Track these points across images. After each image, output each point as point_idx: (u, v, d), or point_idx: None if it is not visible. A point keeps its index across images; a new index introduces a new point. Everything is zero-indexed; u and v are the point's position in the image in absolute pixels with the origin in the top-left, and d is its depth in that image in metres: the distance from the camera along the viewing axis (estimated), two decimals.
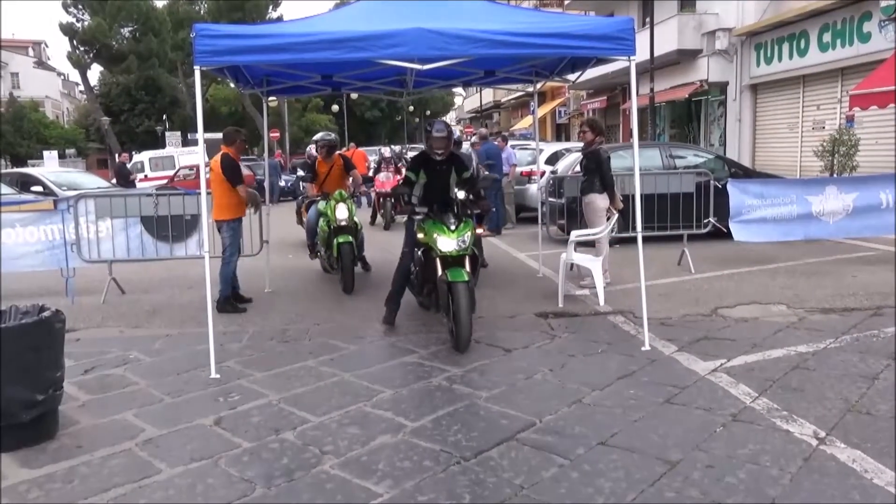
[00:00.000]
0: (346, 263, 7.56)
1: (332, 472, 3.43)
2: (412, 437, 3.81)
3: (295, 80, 7.61)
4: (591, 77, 17.10)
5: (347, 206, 7.84)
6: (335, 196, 7.89)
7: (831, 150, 14.67)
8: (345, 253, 7.59)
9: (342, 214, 7.76)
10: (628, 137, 23.97)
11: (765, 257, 8.76)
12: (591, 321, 6.21)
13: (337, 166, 8.61)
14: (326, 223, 7.98)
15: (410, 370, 5.00)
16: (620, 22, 5.20)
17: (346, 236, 7.68)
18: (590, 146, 7.55)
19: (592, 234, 7.17)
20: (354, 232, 7.91)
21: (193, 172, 19.56)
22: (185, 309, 7.12)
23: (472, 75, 7.98)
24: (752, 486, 3.14)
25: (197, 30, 4.81)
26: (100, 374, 5.09)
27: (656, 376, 4.66)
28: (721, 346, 5.28)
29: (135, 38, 43.23)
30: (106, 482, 3.38)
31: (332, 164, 8.60)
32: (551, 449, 3.59)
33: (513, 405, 4.21)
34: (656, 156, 10.84)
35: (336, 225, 7.76)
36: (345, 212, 7.78)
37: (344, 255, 7.58)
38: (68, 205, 7.74)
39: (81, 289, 7.81)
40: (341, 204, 7.81)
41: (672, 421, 3.91)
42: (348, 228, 7.78)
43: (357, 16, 5.52)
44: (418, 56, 5.22)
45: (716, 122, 22.50)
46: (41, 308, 4.00)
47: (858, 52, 15.98)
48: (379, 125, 57.24)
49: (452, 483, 3.28)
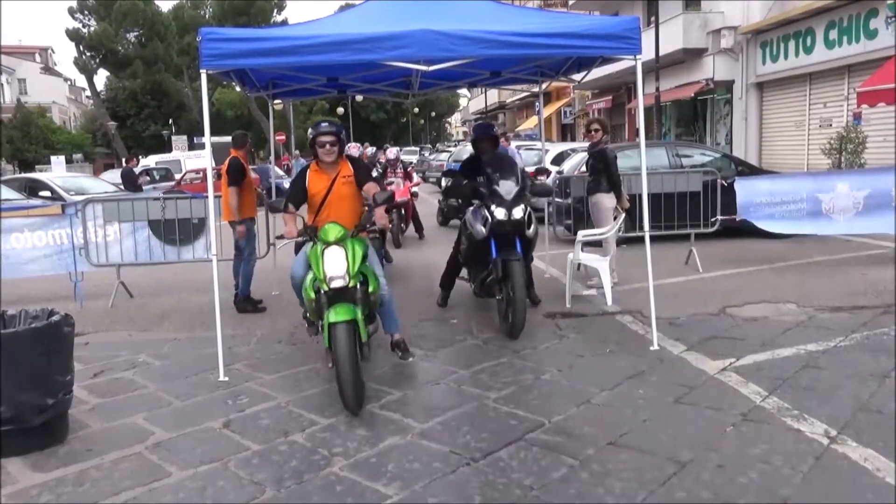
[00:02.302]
0: (343, 359, 4.09)
1: (342, 473, 3.43)
2: (421, 438, 3.80)
3: (301, 82, 7.61)
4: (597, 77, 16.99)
5: (347, 251, 4.36)
6: (323, 234, 4.42)
7: (839, 147, 14.63)
8: (339, 342, 4.10)
9: (335, 268, 4.27)
10: (634, 137, 23.95)
11: (773, 256, 8.72)
12: (599, 321, 6.19)
13: (343, 179, 4.96)
14: (313, 284, 4.42)
15: (418, 371, 4.99)
16: (626, 21, 5.19)
17: (344, 309, 4.21)
18: (596, 146, 7.54)
19: (599, 234, 7.15)
20: (363, 297, 4.37)
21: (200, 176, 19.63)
22: (194, 312, 7.14)
23: (477, 76, 7.96)
24: (764, 486, 3.12)
25: (203, 34, 4.83)
26: (109, 378, 5.11)
27: (665, 376, 4.64)
28: (730, 345, 5.26)
29: (140, 42, 43.50)
30: (116, 485, 3.38)
31: (336, 175, 4.94)
32: (561, 449, 3.58)
33: (521, 406, 4.20)
34: (663, 155, 10.81)
35: (326, 289, 4.28)
36: (340, 262, 4.30)
37: (338, 346, 4.10)
38: (76, 209, 7.78)
39: (90, 293, 7.84)
40: (334, 249, 4.34)
41: (682, 421, 3.89)
42: (348, 293, 4.29)
43: (362, 18, 5.53)
44: (424, 57, 5.21)
45: (722, 121, 22.43)
46: (50, 312, 4.02)
47: (865, 49, 15.90)
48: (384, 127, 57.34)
49: (462, 484, 3.27)
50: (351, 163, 5.05)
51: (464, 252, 6.29)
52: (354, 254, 4.37)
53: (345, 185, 4.93)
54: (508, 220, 5.56)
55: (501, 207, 5.56)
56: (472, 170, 6.23)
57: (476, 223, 5.79)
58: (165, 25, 44.11)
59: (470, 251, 6.11)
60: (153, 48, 42.88)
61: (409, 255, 9.17)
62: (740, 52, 20.61)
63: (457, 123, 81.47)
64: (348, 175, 4.95)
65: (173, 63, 45.12)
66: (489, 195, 5.69)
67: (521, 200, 5.64)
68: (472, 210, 5.98)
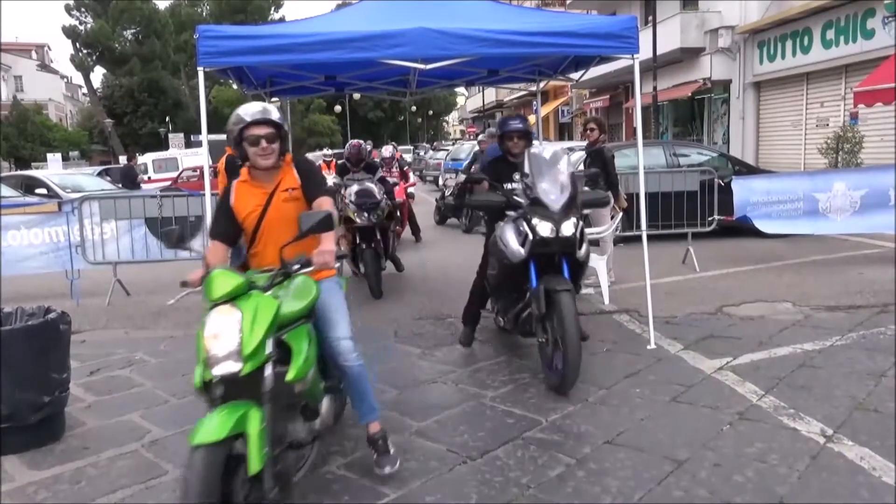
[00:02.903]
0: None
1: (339, 472, 3.43)
2: (418, 436, 3.80)
3: (298, 80, 7.60)
4: (594, 76, 17.06)
5: (245, 315, 2.66)
6: (208, 287, 2.79)
7: (835, 147, 14.65)
8: (189, 486, 2.43)
9: (220, 344, 2.62)
10: (631, 136, 23.97)
11: (770, 255, 8.74)
12: (596, 320, 6.19)
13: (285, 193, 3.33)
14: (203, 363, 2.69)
15: (415, 370, 4.99)
16: (624, 20, 5.20)
17: (224, 417, 2.55)
18: (594, 145, 7.54)
19: (597, 233, 7.15)
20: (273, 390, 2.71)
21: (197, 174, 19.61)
22: (191, 310, 7.10)
23: (475, 75, 7.96)
24: (760, 485, 3.13)
25: (200, 31, 4.83)
26: (106, 376, 5.10)
27: (662, 375, 4.65)
28: (727, 344, 5.27)
29: (137, 40, 43.39)
30: (113, 483, 3.38)
31: (275, 188, 3.33)
32: (558, 448, 3.58)
33: (519, 404, 4.20)
34: (660, 154, 10.81)
35: (209, 377, 2.65)
36: (229, 333, 2.62)
37: (188, 493, 2.41)
38: (73, 207, 7.76)
39: (86, 291, 7.82)
40: (223, 312, 2.69)
41: (679, 419, 3.90)
42: (243, 385, 2.65)
43: (360, 16, 5.52)
44: (422, 56, 5.22)
45: (719, 120, 22.45)
46: (47, 310, 4.02)
47: (862, 49, 15.92)
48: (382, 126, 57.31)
49: (459, 483, 3.27)
50: (298, 169, 3.38)
51: (492, 278, 4.93)
52: (256, 318, 2.62)
53: (287, 203, 3.27)
54: (556, 238, 4.32)
55: (546, 221, 4.32)
56: (499, 174, 5.08)
57: (511, 241, 4.47)
58: (162, 23, 44.02)
59: (501, 277, 4.75)
60: (150, 46, 42.79)
61: (406, 258, 9.17)
62: (737, 52, 20.63)
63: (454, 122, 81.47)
64: (292, 187, 3.30)
65: (170, 61, 45.04)
66: (530, 205, 4.46)
67: (571, 212, 4.42)
68: (506, 224, 4.64)
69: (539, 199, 4.42)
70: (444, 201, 13.97)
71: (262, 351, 2.67)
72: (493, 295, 5.14)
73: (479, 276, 5.36)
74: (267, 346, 2.69)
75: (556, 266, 4.43)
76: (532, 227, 4.35)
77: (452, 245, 11.23)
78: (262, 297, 2.77)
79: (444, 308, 6.72)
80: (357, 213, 7.46)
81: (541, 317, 4.35)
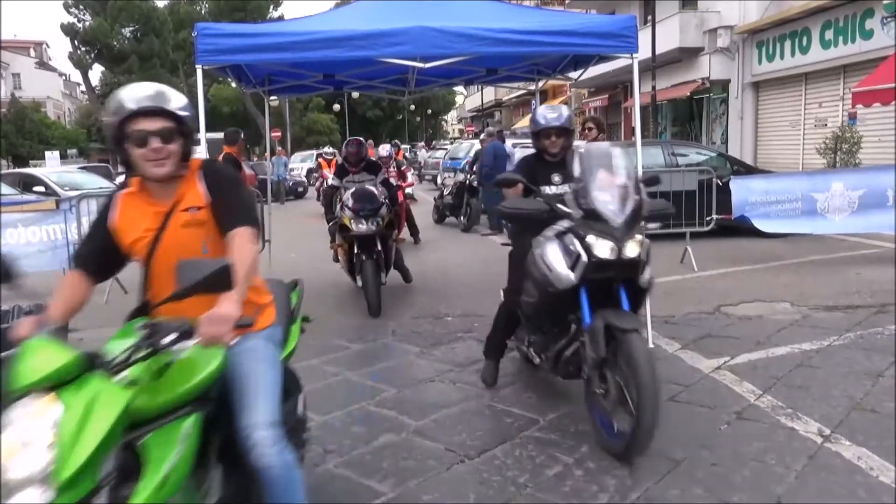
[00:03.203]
0: None
1: (337, 470, 3.43)
2: (416, 435, 3.80)
3: (297, 79, 7.60)
4: (593, 75, 17.06)
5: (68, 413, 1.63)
6: (14, 370, 1.69)
7: (834, 147, 14.67)
8: None
9: (23, 462, 1.55)
10: (630, 135, 23.96)
11: (768, 255, 8.74)
12: None
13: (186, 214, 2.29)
14: None
15: (413, 369, 4.99)
16: (623, 20, 5.20)
17: None
18: None
19: None
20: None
21: None
22: None
23: (474, 74, 7.96)
24: (758, 484, 3.13)
25: (199, 29, 4.83)
26: None
27: (660, 374, 4.63)
28: (725, 343, 5.27)
29: (136, 38, 43.31)
30: None
31: (174, 204, 2.30)
32: (555, 447, 3.58)
33: (516, 404, 4.20)
34: (659, 154, 10.81)
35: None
36: (38, 442, 1.57)
37: None
38: (70, 205, 7.75)
39: None
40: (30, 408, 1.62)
41: (676, 419, 3.89)
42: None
43: (358, 14, 5.52)
44: (421, 54, 5.22)
45: (718, 120, 22.48)
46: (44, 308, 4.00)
47: (861, 50, 15.95)
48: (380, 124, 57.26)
49: (457, 482, 3.27)
50: (207, 180, 2.34)
51: (528, 307, 3.98)
52: (87, 419, 1.65)
53: (187, 230, 2.29)
54: (618, 261, 3.41)
55: (605, 239, 3.40)
56: (534, 176, 4.19)
57: (556, 263, 3.57)
58: (161, 21, 43.95)
59: (540, 307, 3.84)
60: (149, 44, 42.72)
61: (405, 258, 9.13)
62: (736, 52, 20.65)
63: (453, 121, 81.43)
64: (196, 206, 2.30)
65: (169, 59, 44.96)
66: (582, 218, 3.53)
67: (635, 228, 3.49)
68: (548, 241, 3.71)
69: (595, 211, 3.46)
70: (442, 200, 13.97)
71: (89, 475, 1.62)
72: (530, 327, 4.15)
73: (506, 299, 4.44)
74: (102, 468, 1.66)
75: (614, 296, 3.53)
76: (586, 247, 3.42)
77: (451, 244, 11.23)
78: (103, 385, 1.74)
79: (442, 307, 6.71)
80: (354, 221, 6.63)
81: (599, 362, 3.43)
